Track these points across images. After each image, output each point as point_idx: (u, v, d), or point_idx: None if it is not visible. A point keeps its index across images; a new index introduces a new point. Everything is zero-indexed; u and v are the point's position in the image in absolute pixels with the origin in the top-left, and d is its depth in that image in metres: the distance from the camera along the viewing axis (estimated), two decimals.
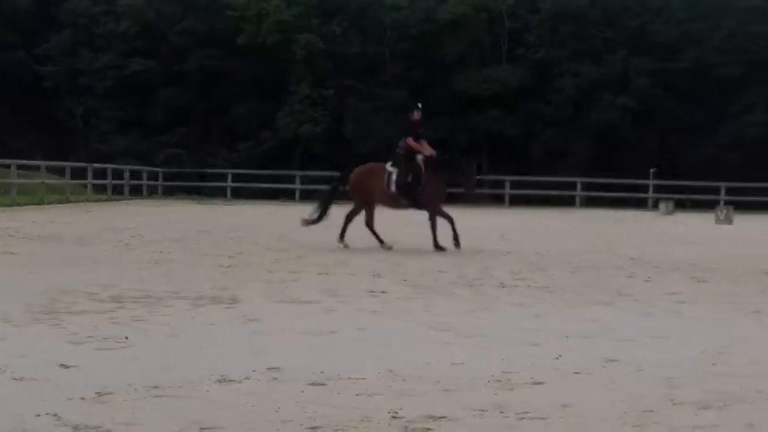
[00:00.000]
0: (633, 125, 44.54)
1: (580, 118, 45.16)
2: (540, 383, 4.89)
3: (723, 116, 43.67)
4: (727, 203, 31.41)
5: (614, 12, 47.07)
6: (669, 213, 31.79)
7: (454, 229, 13.60)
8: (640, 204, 39.34)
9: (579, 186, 39.83)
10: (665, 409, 4.35)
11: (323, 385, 4.74)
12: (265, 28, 46.53)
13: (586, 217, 29.84)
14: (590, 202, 39.73)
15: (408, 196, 13.78)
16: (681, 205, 36.11)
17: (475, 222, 20.99)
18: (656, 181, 39.33)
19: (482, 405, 4.32)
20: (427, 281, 10.13)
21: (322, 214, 14.41)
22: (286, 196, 40.21)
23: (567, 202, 39.31)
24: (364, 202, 14.16)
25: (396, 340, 6.27)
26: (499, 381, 4.92)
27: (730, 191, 37.40)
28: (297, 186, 40.80)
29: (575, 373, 5.20)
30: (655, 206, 35.33)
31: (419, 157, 13.69)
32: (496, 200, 40.21)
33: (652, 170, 38.87)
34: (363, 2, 49.04)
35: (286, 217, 22.88)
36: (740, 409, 4.42)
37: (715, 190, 37.68)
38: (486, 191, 37.74)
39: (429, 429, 3.89)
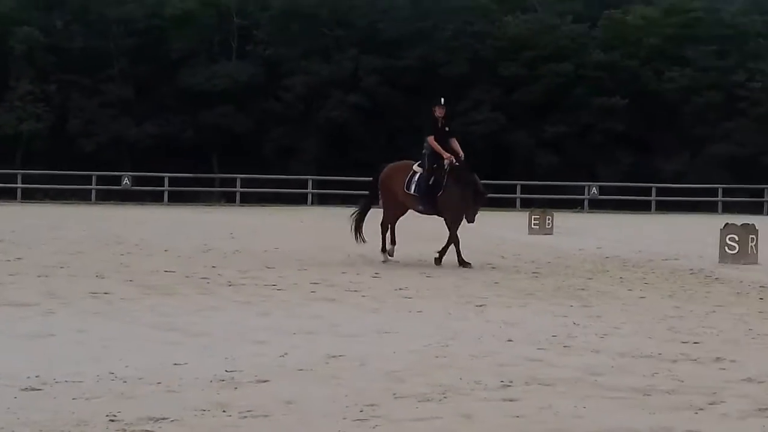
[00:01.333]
0: (364, 123, 45.85)
1: (311, 115, 45.85)
2: (264, 381, 5.02)
3: (450, 113, 45.62)
4: None
5: (343, 11, 48.28)
6: None
7: (448, 247, 12.75)
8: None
9: (311, 184, 40.73)
10: (387, 402, 4.56)
11: (38, 390, 4.62)
12: None
13: (318, 215, 30.72)
14: (323, 200, 41.03)
15: (425, 201, 12.78)
16: None
17: (205, 218, 20.87)
18: None
19: (205, 405, 4.38)
20: (153, 281, 10.04)
21: (357, 228, 13.82)
22: (8, 195, 38.02)
23: (299, 200, 40.12)
24: (386, 200, 13.53)
25: (118, 342, 6.20)
26: (222, 380, 5.01)
27: None
28: (18, 185, 38.65)
29: (299, 369, 5.38)
30: None
31: (446, 161, 12.64)
32: (227, 198, 40.44)
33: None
34: None
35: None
36: (459, 400, 4.68)
37: None
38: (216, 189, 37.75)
39: (148, 431, 3.91)
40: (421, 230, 16.23)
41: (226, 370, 5.26)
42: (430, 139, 12.55)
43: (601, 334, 6.98)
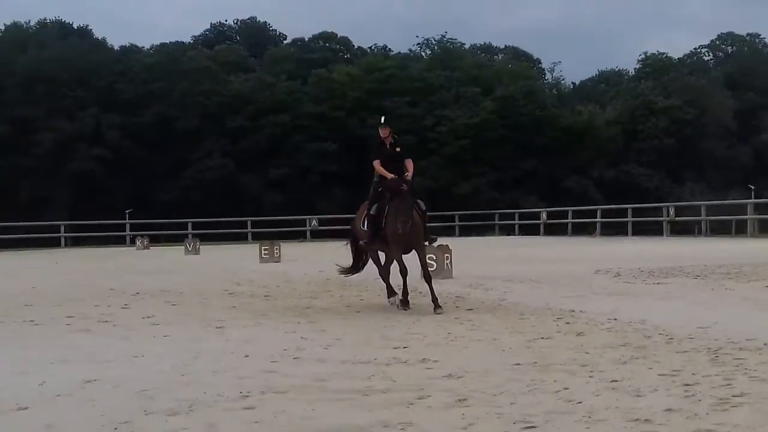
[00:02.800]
0: (108, 173, 46.01)
1: (60, 167, 45.30)
2: (24, 408, 4.98)
3: (186, 162, 47.35)
4: (195, 236, 34.04)
5: (83, 73, 48.38)
6: (145, 247, 33.07)
7: (404, 285, 9.92)
8: (119, 241, 40.89)
9: (63, 228, 40.54)
10: (139, 418, 4.64)
11: None
12: None
13: (73, 256, 29.66)
14: (77, 242, 40.91)
15: (372, 234, 9.78)
16: (156, 240, 38.30)
17: None
18: (132, 221, 41.54)
19: None
20: None
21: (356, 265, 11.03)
22: None
23: (53, 243, 39.08)
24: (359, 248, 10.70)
25: None
26: None
27: (196, 225, 41.37)
28: None
29: (58, 395, 5.35)
30: (133, 242, 36.79)
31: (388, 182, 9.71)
32: None
33: (127, 212, 41.20)
34: None
35: None
36: (204, 411, 4.76)
37: (184, 226, 41.20)
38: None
39: None
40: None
41: None
42: (376, 163, 9.72)
43: (325, 345, 7.18)
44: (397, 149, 9.76)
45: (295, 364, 6.34)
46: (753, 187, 38.18)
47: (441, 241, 12.26)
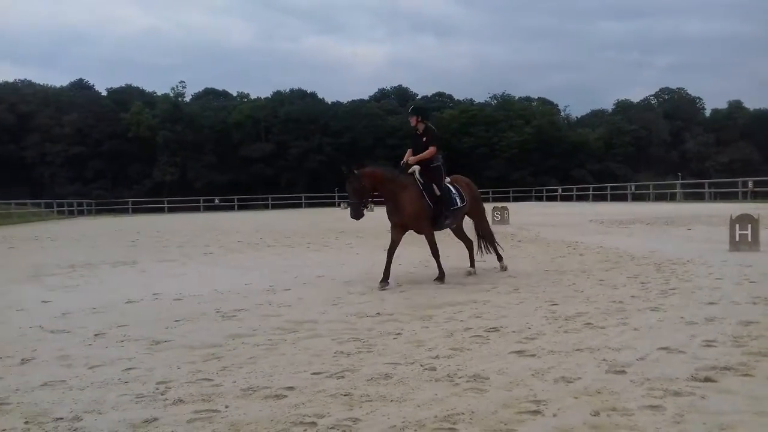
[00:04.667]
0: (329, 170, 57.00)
1: (301, 166, 64.97)
2: (287, 289, 7.92)
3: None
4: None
5: (315, 117, 66.73)
6: (344, 209, 35.59)
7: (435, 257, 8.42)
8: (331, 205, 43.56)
9: (303, 198, 51.59)
10: (345, 296, 7.62)
11: (180, 300, 7.09)
12: None
13: (310, 212, 32.34)
14: (311, 205, 48.05)
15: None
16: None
17: None
18: (339, 193, 44.92)
19: (261, 302, 7.20)
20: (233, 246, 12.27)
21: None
22: None
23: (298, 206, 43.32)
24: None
25: (217, 276, 8.68)
26: (268, 289, 7.90)
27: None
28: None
29: (303, 284, 8.47)
30: (338, 205, 39.84)
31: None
32: None
33: (336, 189, 48.00)
34: None
35: None
36: (378, 294, 7.54)
37: None
38: None
39: (234, 316, 6.66)
40: None
41: (269, 285, 7.90)
42: (408, 153, 8.59)
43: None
44: (424, 139, 8.45)
45: (427, 269, 9.06)
46: (680, 174, 56.63)
47: (503, 204, 15.92)
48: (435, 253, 8.16)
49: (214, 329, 5.50)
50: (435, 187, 8.12)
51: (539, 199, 55.69)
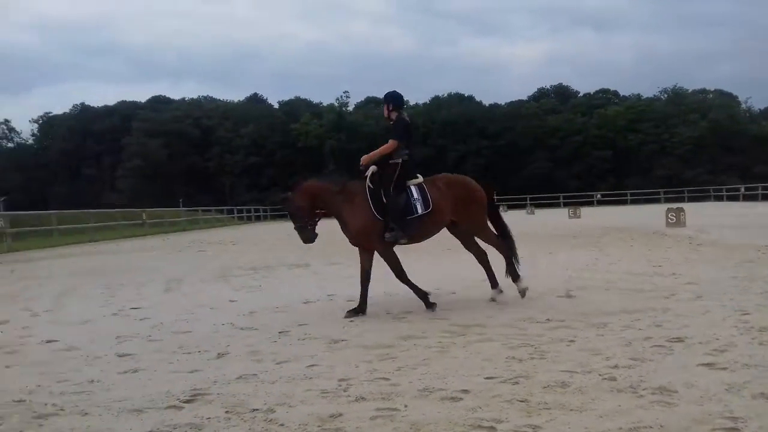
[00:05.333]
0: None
1: (461, 167, 58.95)
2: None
3: (518, 162, 57.39)
4: (530, 204, 37.50)
5: (473, 118, 68.19)
6: (504, 211, 36.93)
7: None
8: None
9: None
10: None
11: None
12: None
13: None
14: None
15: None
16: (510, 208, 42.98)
17: None
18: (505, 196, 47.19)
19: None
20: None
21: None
22: None
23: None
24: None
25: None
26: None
27: (532, 198, 46.40)
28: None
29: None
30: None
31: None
32: None
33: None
34: None
35: None
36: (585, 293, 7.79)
37: (524, 198, 46.31)
38: None
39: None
40: None
41: (435, 288, 7.92)
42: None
43: (610, 263, 9.84)
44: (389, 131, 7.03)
45: (592, 272, 8.77)
46: None
47: (678, 205, 14.81)
48: (399, 275, 6.65)
49: (386, 330, 5.67)
50: (382, 192, 6.58)
51: (719, 198, 51.66)
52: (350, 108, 76.73)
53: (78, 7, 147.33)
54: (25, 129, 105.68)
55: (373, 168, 6.69)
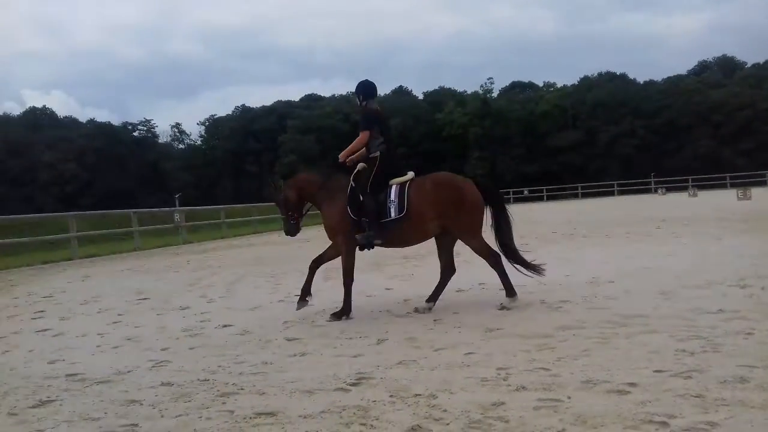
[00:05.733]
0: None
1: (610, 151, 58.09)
2: (610, 282, 7.59)
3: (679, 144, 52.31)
4: (693, 185, 35.41)
5: (627, 99, 65.32)
6: (662, 194, 35.48)
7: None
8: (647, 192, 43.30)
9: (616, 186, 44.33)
10: (678, 289, 7.01)
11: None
12: None
13: (622, 199, 34.68)
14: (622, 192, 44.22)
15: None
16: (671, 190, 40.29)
17: None
18: (656, 179, 43.55)
19: (587, 294, 6.97)
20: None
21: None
22: None
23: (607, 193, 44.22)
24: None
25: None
26: (591, 281, 7.63)
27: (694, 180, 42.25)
28: None
29: (627, 277, 7.95)
30: (655, 192, 39.31)
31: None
32: None
33: (653, 174, 45.01)
34: None
35: None
36: (716, 288, 7.20)
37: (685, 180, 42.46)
38: None
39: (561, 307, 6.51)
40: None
41: (592, 277, 7.79)
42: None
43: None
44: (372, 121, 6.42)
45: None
46: None
47: None
48: (347, 276, 6.26)
49: (542, 319, 5.56)
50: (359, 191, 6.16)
51: None
52: (494, 94, 75.60)
53: (236, 15, 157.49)
54: (194, 131, 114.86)
55: (362, 165, 6.30)
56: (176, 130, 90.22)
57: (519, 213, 8.12)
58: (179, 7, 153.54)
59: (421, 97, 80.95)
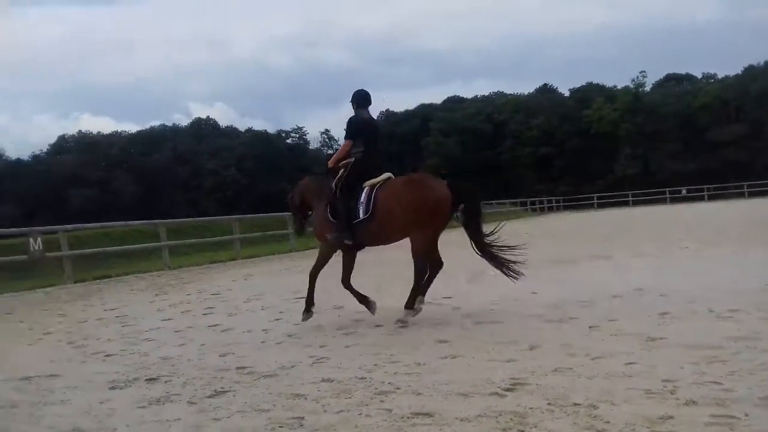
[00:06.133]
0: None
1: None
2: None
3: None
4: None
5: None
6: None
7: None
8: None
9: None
10: None
11: (666, 295, 6.96)
12: None
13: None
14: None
15: None
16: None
17: None
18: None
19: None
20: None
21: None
22: None
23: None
24: None
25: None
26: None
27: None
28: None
29: None
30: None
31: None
32: None
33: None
34: None
35: None
36: None
37: None
38: None
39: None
40: None
41: (765, 284, 7.31)
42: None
43: None
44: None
45: None
46: None
47: None
48: (313, 273, 6.90)
49: (709, 329, 5.18)
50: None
51: None
52: (647, 88, 71.35)
53: (380, 21, 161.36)
54: (341, 137, 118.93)
55: (342, 171, 6.72)
56: (325, 136, 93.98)
57: (676, 214, 7.59)
58: (330, 16, 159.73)
59: (566, 94, 78.30)
